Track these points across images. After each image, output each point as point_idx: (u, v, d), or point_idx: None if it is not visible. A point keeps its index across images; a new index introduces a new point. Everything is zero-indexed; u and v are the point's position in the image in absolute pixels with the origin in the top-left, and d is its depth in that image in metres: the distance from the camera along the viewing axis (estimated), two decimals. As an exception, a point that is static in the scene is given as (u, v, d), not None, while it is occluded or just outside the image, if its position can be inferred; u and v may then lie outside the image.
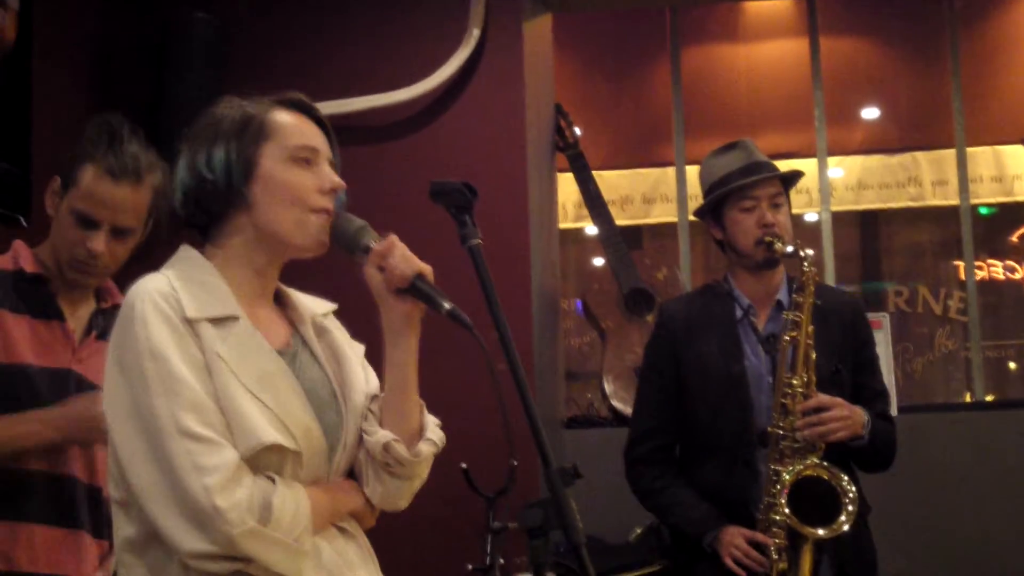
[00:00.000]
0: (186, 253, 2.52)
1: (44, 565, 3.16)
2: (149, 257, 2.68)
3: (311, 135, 2.54)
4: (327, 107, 4.85)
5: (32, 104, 4.62)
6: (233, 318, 2.43)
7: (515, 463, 2.93)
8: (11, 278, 3.24)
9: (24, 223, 4.27)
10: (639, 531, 4.63)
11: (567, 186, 6.55)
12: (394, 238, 2.46)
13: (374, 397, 2.54)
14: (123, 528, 2.41)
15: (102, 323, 3.24)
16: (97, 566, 3.19)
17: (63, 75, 4.88)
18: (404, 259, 2.43)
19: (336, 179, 2.52)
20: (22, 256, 3.28)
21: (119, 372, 2.36)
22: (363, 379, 2.57)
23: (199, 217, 2.52)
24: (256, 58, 5.15)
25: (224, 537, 2.25)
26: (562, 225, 6.39)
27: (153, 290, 2.39)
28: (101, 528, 3.17)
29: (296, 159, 2.49)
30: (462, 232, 2.46)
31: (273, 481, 2.34)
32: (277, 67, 5.17)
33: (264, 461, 2.34)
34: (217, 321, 2.41)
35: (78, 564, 3.20)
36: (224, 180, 2.47)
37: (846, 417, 3.70)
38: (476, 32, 5.18)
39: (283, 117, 2.53)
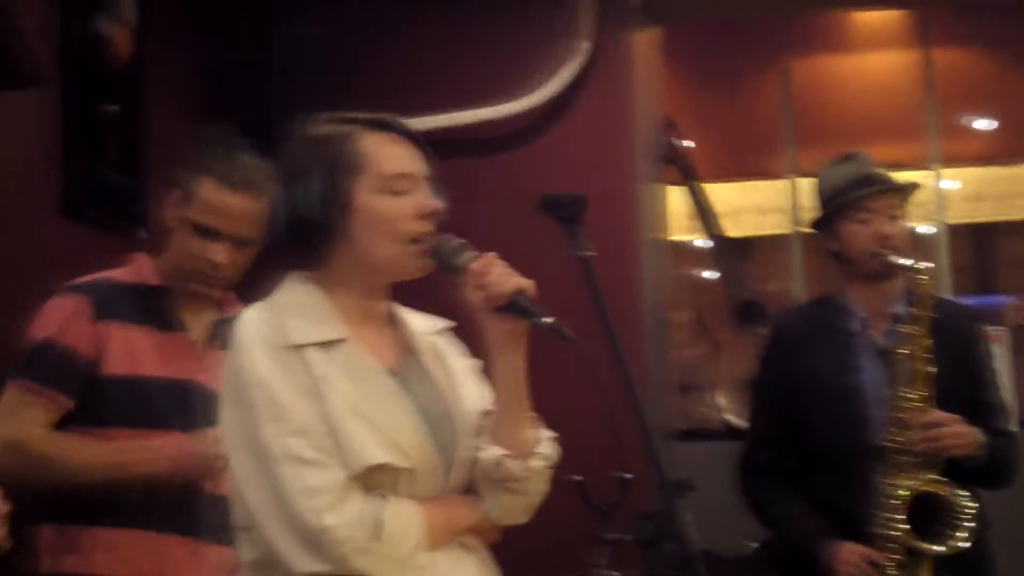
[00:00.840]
0: (292, 282, 2.54)
1: (168, 572, 3.21)
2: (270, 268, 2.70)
3: (404, 160, 2.53)
4: (435, 120, 4.92)
5: (146, 118, 4.69)
6: (340, 341, 2.44)
7: (628, 476, 2.91)
8: (133, 291, 3.29)
9: (140, 236, 4.33)
10: (753, 545, 4.59)
11: (677, 198, 6.52)
12: (492, 256, 2.45)
13: (487, 413, 2.54)
14: (246, 553, 2.44)
15: (224, 332, 3.28)
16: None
17: (176, 89, 4.95)
18: (502, 277, 2.42)
19: (433, 203, 2.50)
20: (144, 268, 3.34)
21: (231, 400, 2.41)
22: (476, 395, 2.56)
23: (301, 244, 2.54)
24: (364, 73, 5.18)
25: (336, 556, 2.27)
26: (672, 237, 6.36)
27: (257, 319, 2.44)
28: (228, 539, 3.21)
29: (390, 188, 2.49)
30: (573, 244, 2.46)
31: (384, 499, 2.35)
32: (385, 81, 5.20)
33: (376, 480, 2.36)
34: (323, 345, 2.42)
35: (202, 574, 3.24)
36: (320, 214, 2.47)
37: (963, 434, 3.64)
38: (585, 45, 5.18)
39: (374, 145, 2.51)
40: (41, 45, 4.13)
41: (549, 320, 2.37)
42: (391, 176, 2.49)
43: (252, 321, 2.43)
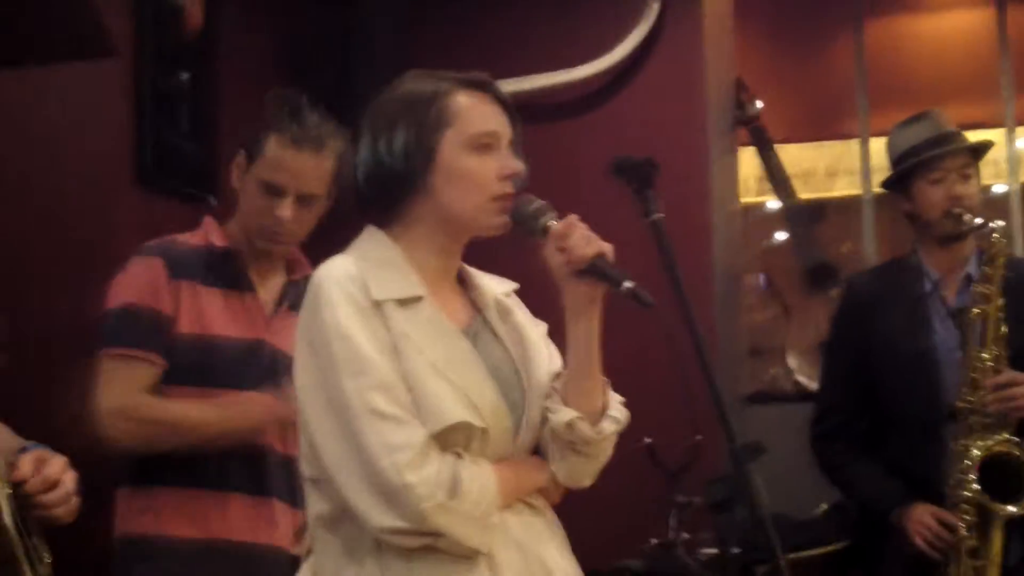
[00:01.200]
0: (371, 234, 2.55)
1: (239, 533, 3.25)
2: (339, 231, 2.71)
3: (492, 119, 2.53)
4: (507, 85, 4.90)
5: (219, 86, 4.72)
6: (418, 298, 2.45)
7: (699, 438, 2.92)
8: (203, 253, 3.33)
9: (214, 203, 4.36)
10: (825, 507, 4.58)
11: (749, 161, 6.48)
12: (573, 219, 2.44)
13: (557, 375, 2.54)
14: (316, 505, 2.45)
15: (293, 294, 3.31)
16: (291, 535, 3.26)
17: (249, 57, 4.97)
18: (583, 240, 2.41)
19: (517, 164, 2.51)
20: (212, 231, 3.37)
21: (309, 353, 2.41)
22: (546, 357, 2.56)
23: (380, 199, 2.55)
24: (439, 37, 5.18)
25: (414, 512, 2.27)
26: (744, 200, 6.32)
27: (339, 272, 2.42)
28: (295, 497, 3.23)
29: (477, 146, 2.50)
30: (644, 207, 2.45)
31: (460, 457, 2.36)
32: (460, 46, 5.20)
33: (451, 439, 2.36)
34: (403, 302, 2.43)
35: (272, 532, 3.28)
36: (404, 166, 2.47)
37: None
38: (655, 6, 5.15)
39: (464, 100, 2.51)
40: (114, 16, 4.17)
41: (629, 285, 2.37)
42: (478, 133, 2.49)
43: (335, 273, 2.42)
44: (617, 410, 2.52)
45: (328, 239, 2.74)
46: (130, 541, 3.27)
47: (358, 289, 2.40)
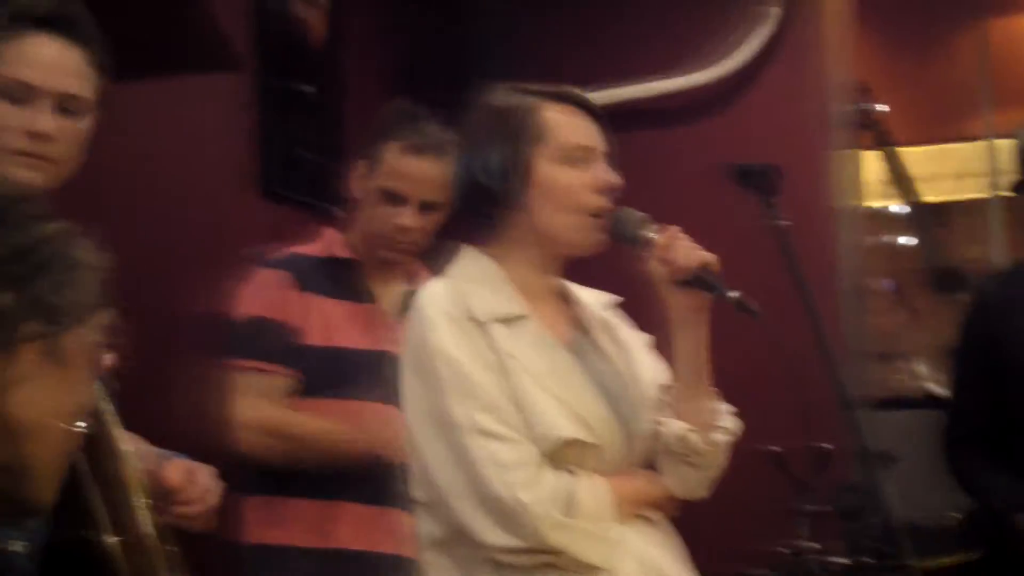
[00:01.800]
0: (468, 254, 2.55)
1: (361, 542, 3.28)
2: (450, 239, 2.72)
3: (585, 132, 2.52)
4: (625, 92, 4.90)
5: (341, 97, 4.76)
6: (521, 317, 2.45)
7: (827, 446, 2.88)
8: (325, 264, 3.36)
9: (338, 214, 4.40)
10: (958, 516, 4.51)
11: (872, 164, 6.41)
12: (675, 230, 2.44)
13: (666, 388, 2.53)
14: (428, 527, 2.47)
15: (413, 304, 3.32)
16: (413, 543, 3.27)
17: (368, 67, 5.01)
18: (686, 251, 2.41)
19: (611, 177, 2.50)
20: (334, 242, 3.40)
21: (415, 376, 2.43)
22: (652, 369, 2.56)
23: (477, 216, 2.55)
24: (555, 45, 5.18)
25: (531, 531, 2.28)
26: (868, 204, 6.25)
27: (441, 295, 2.45)
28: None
29: (570, 159, 2.49)
30: (768, 214, 2.43)
31: (574, 474, 2.35)
32: (576, 53, 5.19)
33: (564, 456, 2.37)
34: (506, 321, 2.44)
35: (394, 541, 3.29)
36: (499, 184, 2.48)
37: None
38: (774, 10, 5.11)
39: (556, 115, 2.51)
40: (238, 28, 4.23)
41: (734, 294, 2.36)
42: (571, 147, 2.49)
43: (435, 295, 2.46)
44: (728, 420, 2.51)
45: (440, 249, 2.75)
46: (259, 551, 3.31)
47: (461, 311, 2.41)
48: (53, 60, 2.30)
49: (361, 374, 3.29)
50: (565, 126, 2.51)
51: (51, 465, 1.45)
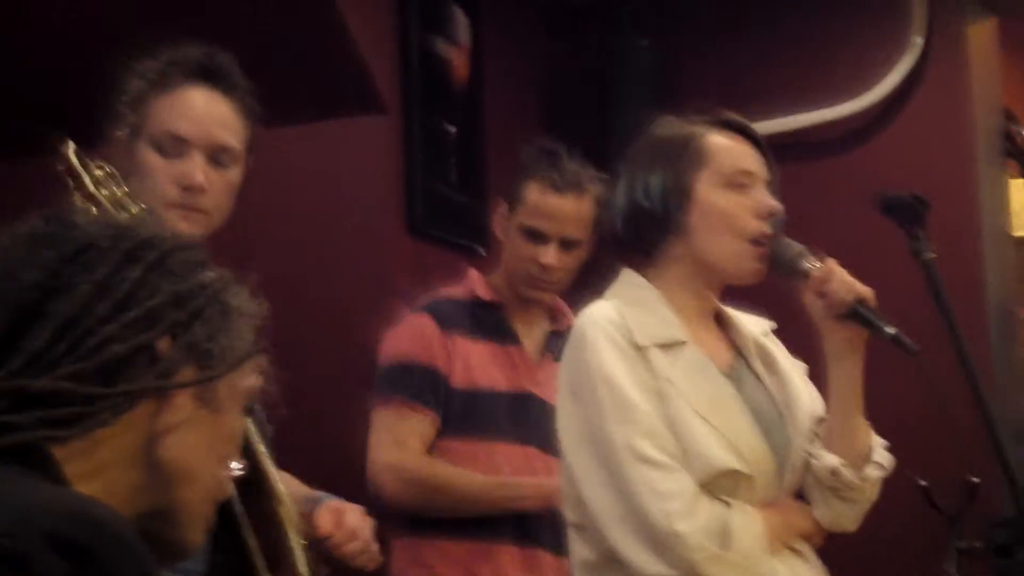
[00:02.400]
0: (629, 278, 2.56)
1: (507, 582, 3.29)
2: (594, 276, 2.74)
3: (747, 158, 2.53)
4: (771, 125, 4.89)
5: (485, 137, 4.81)
6: (680, 343, 2.46)
7: (976, 480, 2.84)
8: (468, 306, 3.39)
9: (482, 253, 4.45)
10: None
11: (1020, 192, 6.30)
12: (833, 264, 2.42)
13: (820, 420, 2.51)
14: (580, 551, 2.47)
15: (556, 344, 3.33)
16: None
17: (512, 107, 5.06)
18: (844, 285, 2.39)
19: (773, 203, 2.49)
20: (477, 284, 3.43)
21: (572, 399, 2.43)
22: (808, 399, 2.54)
23: (638, 241, 2.56)
24: (698, 79, 5.18)
25: (686, 562, 2.28)
26: (1017, 233, 6.14)
27: (602, 317, 2.45)
28: (560, 546, 3.27)
29: (732, 184, 2.49)
30: (914, 246, 2.41)
31: (728, 505, 2.35)
32: (718, 88, 5.18)
33: (718, 485, 2.36)
34: (665, 347, 2.43)
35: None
36: (660, 208, 2.49)
37: None
38: (919, 40, 5.06)
39: (718, 140, 2.52)
40: (383, 71, 4.30)
41: (891, 330, 2.34)
42: (733, 171, 2.49)
43: (598, 317, 2.45)
44: (881, 455, 2.49)
45: (585, 288, 2.77)
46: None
47: (621, 334, 2.41)
48: (204, 112, 2.34)
49: (504, 415, 3.31)
50: (727, 151, 2.51)
51: (201, 509, 1.47)
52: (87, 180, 1.99)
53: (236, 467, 2.18)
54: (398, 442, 3.29)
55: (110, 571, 1.19)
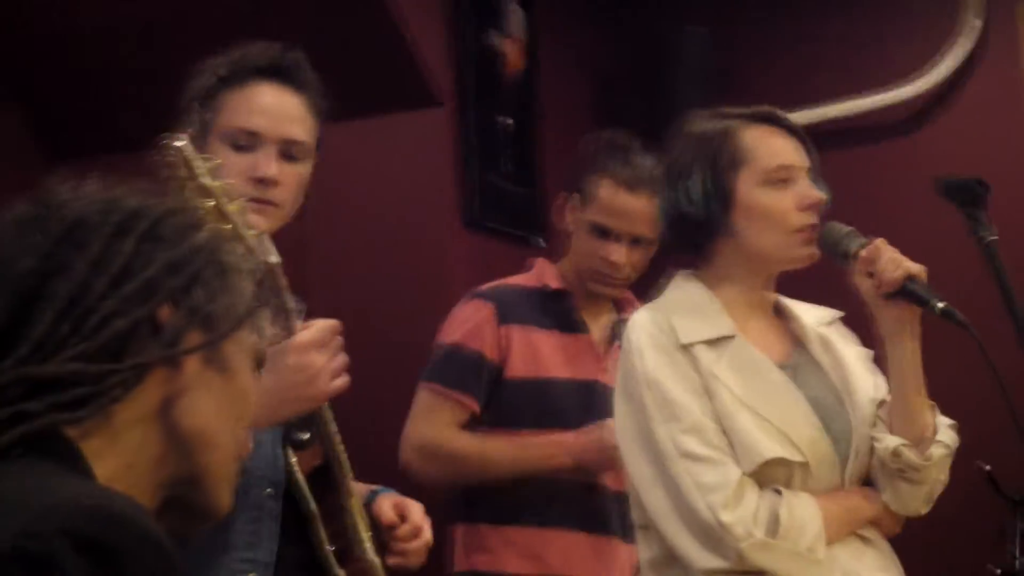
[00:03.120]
0: (679, 279, 2.59)
1: (576, 569, 3.30)
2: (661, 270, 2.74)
3: (785, 152, 2.52)
4: (827, 111, 4.86)
5: (539, 129, 4.82)
6: (727, 337, 2.46)
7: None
8: (536, 295, 3.40)
9: (541, 244, 4.46)
10: None
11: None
12: (880, 242, 2.41)
13: (882, 403, 2.51)
14: (645, 550, 2.51)
15: (623, 332, 3.34)
16: (629, 572, 3.28)
17: (566, 99, 5.06)
18: (892, 263, 2.38)
19: (815, 194, 2.49)
20: (546, 273, 3.44)
21: (624, 401, 2.47)
22: (870, 385, 2.54)
23: (685, 244, 2.57)
24: (752, 68, 5.16)
25: (734, 552, 2.29)
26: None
27: (646, 321, 2.49)
28: (632, 534, 3.27)
29: (773, 180, 2.49)
30: (975, 229, 2.40)
31: (780, 494, 2.35)
32: (770, 75, 5.17)
33: (771, 475, 2.37)
34: (712, 342, 2.45)
35: (609, 570, 3.31)
36: (704, 211, 2.50)
37: None
38: (975, 22, 5.02)
39: (755, 137, 2.52)
40: (438, 64, 4.31)
41: (941, 305, 2.33)
42: (772, 168, 2.49)
43: (642, 323, 2.49)
44: (945, 434, 2.47)
45: (654, 277, 2.77)
46: (469, 577, 3.35)
47: (665, 335, 2.43)
48: (276, 107, 2.36)
49: (568, 404, 3.32)
50: (765, 147, 2.51)
51: (225, 471, 1.46)
52: (201, 171, 2.00)
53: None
54: (430, 423, 3.31)
55: (133, 568, 1.19)
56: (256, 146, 2.33)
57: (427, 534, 2.46)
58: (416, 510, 2.47)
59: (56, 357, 1.33)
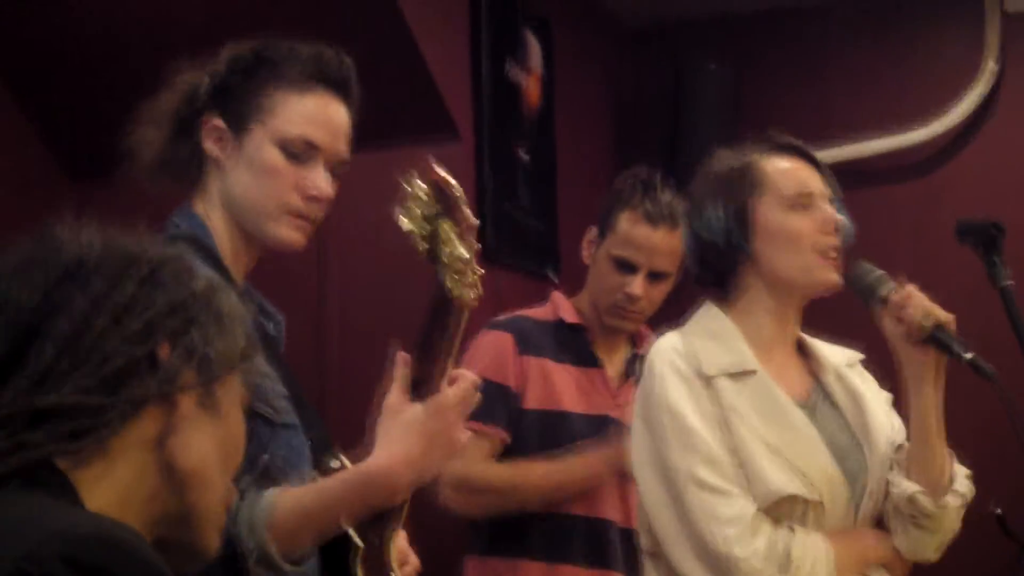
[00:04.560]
0: (706, 309, 2.59)
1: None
2: (678, 304, 2.75)
3: (805, 179, 2.54)
4: (843, 151, 4.86)
5: (556, 162, 4.83)
6: (750, 372, 2.47)
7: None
8: (552, 328, 3.40)
9: (555, 279, 4.45)
10: None
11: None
12: (912, 289, 2.42)
13: (899, 447, 2.51)
14: (651, 575, 2.50)
15: (638, 368, 3.34)
16: None
17: (584, 133, 5.07)
18: (922, 310, 2.39)
19: (836, 216, 2.51)
20: (561, 307, 3.44)
21: (643, 426, 2.47)
22: (888, 427, 2.54)
23: (711, 275, 2.58)
24: (768, 105, 5.18)
25: None
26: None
27: (670, 349, 2.49)
28: (634, 570, 3.27)
29: (794, 206, 2.50)
30: (991, 273, 2.40)
31: (793, 531, 2.35)
32: (790, 113, 5.17)
33: (784, 511, 2.37)
34: (734, 376, 2.45)
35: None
36: (724, 240, 2.51)
37: None
38: (992, 64, 5.04)
39: (775, 165, 2.54)
40: (457, 96, 4.32)
41: (969, 355, 2.33)
42: (793, 195, 2.51)
43: (666, 349, 2.49)
44: (962, 484, 2.47)
45: (669, 313, 2.77)
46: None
47: (688, 364, 2.44)
48: (337, 123, 2.25)
49: (580, 438, 3.31)
50: (784, 175, 2.53)
51: (214, 513, 1.50)
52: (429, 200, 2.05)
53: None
54: (464, 459, 3.30)
55: None
56: (310, 159, 2.20)
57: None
58: (415, 562, 2.32)
59: (56, 389, 1.37)
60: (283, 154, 2.19)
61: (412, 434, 2.04)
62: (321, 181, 2.22)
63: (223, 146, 2.20)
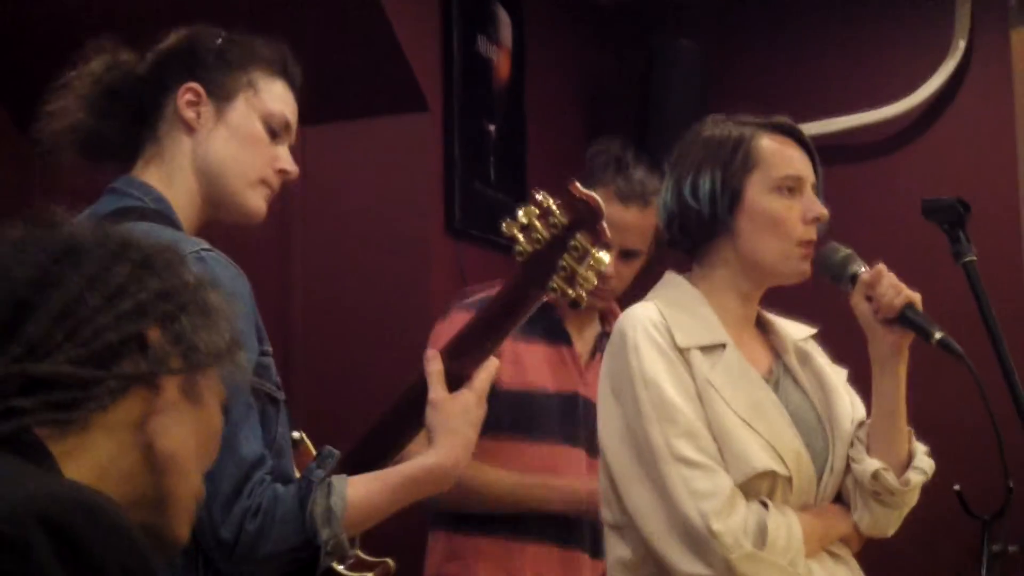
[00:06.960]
0: (672, 279, 2.58)
1: (546, 581, 3.29)
2: (648, 281, 2.74)
3: (796, 163, 2.53)
4: (810, 128, 4.87)
5: (525, 137, 4.82)
6: (721, 346, 2.47)
7: (1012, 485, 2.84)
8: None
9: (521, 252, 4.44)
10: None
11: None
12: (882, 267, 2.43)
13: (860, 424, 2.52)
14: (616, 549, 2.49)
15: (606, 345, 3.34)
16: None
17: (553, 108, 5.07)
18: (892, 289, 2.40)
19: (820, 209, 2.50)
20: (529, 283, 3.42)
21: (613, 399, 2.45)
22: (848, 404, 2.55)
23: (683, 242, 2.57)
24: (739, 82, 5.18)
25: (721, 561, 2.29)
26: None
27: (644, 318, 2.46)
28: (599, 549, 3.27)
29: (781, 188, 2.50)
30: (956, 249, 2.41)
31: (766, 506, 2.36)
32: (760, 90, 5.18)
33: (756, 487, 2.37)
34: (706, 349, 2.45)
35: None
36: (709, 209, 2.50)
37: None
38: (961, 44, 5.05)
39: (769, 144, 2.53)
40: (426, 70, 4.31)
41: (939, 335, 2.35)
42: (783, 176, 2.50)
43: (638, 320, 2.47)
44: (922, 460, 2.49)
45: (642, 289, 2.77)
46: (439, 584, 3.34)
47: (663, 336, 2.43)
48: (294, 110, 2.38)
49: (551, 416, 3.31)
50: (778, 155, 2.52)
51: (187, 503, 1.52)
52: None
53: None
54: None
55: (104, 556, 1.24)
56: (284, 138, 2.35)
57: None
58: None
59: (49, 359, 1.40)
60: (267, 132, 2.32)
61: (467, 424, 2.20)
62: (290, 159, 2.35)
63: (199, 111, 2.29)
